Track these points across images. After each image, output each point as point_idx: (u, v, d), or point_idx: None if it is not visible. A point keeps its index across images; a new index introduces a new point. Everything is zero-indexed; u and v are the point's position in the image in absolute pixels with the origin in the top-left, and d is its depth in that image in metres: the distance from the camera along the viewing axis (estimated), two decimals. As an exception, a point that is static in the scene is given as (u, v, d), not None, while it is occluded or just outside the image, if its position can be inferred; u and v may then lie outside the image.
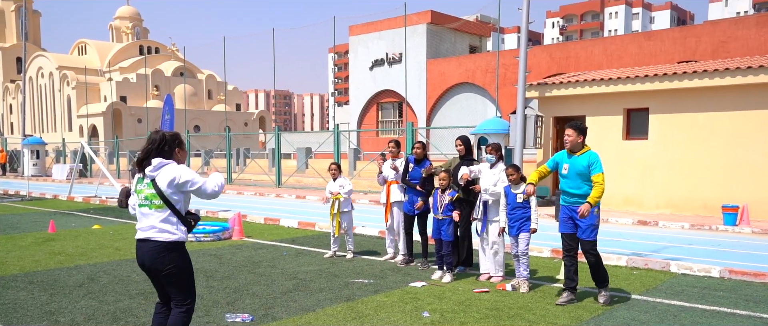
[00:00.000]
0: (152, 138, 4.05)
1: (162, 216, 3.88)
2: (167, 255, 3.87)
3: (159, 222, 3.88)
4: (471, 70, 30.36)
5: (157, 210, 3.88)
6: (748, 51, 21.65)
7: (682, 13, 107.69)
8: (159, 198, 3.87)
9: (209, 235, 10.19)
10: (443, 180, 7.11)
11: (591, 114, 15.43)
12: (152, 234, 3.89)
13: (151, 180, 3.92)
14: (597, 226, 5.91)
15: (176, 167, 3.91)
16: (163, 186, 3.86)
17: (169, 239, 3.87)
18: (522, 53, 15.75)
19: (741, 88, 13.13)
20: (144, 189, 3.96)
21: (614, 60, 24.93)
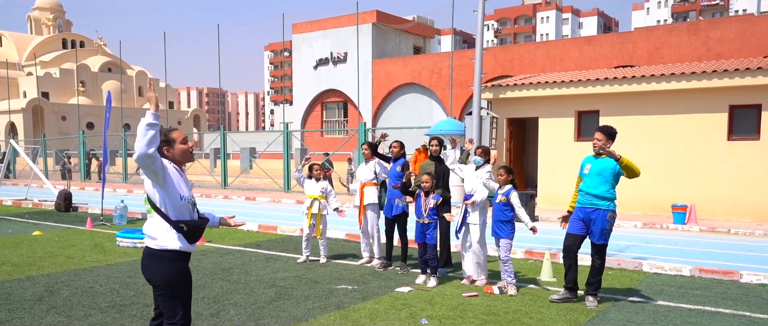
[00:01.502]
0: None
1: (154, 221, 3.58)
2: (153, 263, 3.54)
3: (150, 227, 3.59)
4: (417, 70, 30.51)
5: (151, 215, 3.62)
6: (679, 57, 22.84)
7: (607, 19, 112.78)
8: (148, 201, 3.60)
9: (168, 241, 9.64)
10: (426, 182, 6.99)
11: (544, 116, 15.79)
12: (147, 240, 3.62)
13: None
14: (609, 232, 5.90)
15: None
16: (148, 186, 3.58)
17: (156, 246, 3.53)
18: (477, 55, 15.91)
19: (685, 93, 13.77)
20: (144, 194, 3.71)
21: (557, 63, 25.69)
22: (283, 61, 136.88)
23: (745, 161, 13.10)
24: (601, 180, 5.86)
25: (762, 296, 6.40)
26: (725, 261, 8.22)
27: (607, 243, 5.93)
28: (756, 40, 21.83)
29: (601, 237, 5.86)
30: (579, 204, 6.02)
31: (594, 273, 5.97)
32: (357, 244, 9.91)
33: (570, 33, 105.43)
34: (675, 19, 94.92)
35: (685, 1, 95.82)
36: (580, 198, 6.03)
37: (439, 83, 29.72)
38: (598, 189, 5.85)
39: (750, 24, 22.41)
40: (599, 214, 5.84)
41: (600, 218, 5.82)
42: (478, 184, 6.86)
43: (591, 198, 5.90)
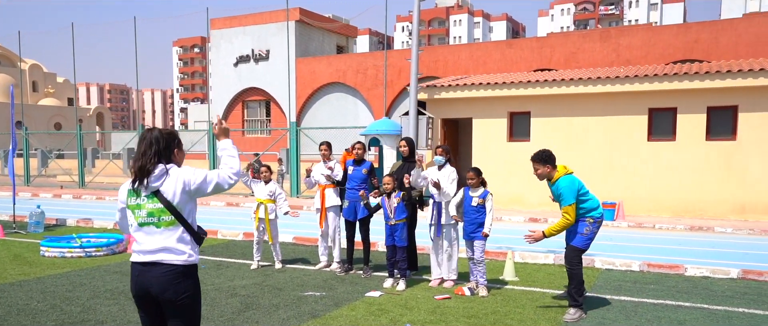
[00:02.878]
0: (148, 138, 3.33)
1: (175, 234, 3.21)
2: (184, 281, 3.22)
3: (174, 241, 3.21)
4: (342, 70, 30.32)
5: (169, 228, 3.21)
6: (593, 62, 24.17)
7: (515, 24, 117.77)
8: (169, 212, 3.20)
9: (102, 249, 8.92)
10: (388, 184, 6.86)
11: (477, 116, 16.13)
12: (164, 256, 3.20)
13: (152, 193, 3.23)
14: (587, 235, 5.79)
15: (182, 170, 3.28)
16: (174, 196, 3.21)
17: (187, 262, 3.23)
18: (414, 55, 15.99)
19: (610, 96, 14.52)
20: (144, 204, 3.25)
21: (480, 65, 26.40)
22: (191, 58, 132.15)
23: (664, 161, 14.01)
24: (561, 203, 5.82)
25: (709, 288, 6.81)
26: (663, 256, 8.70)
27: (582, 247, 5.81)
28: (660, 48, 23.50)
29: (577, 239, 5.80)
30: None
31: (569, 280, 5.81)
32: (307, 248, 9.64)
33: (481, 36, 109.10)
34: (576, 26, 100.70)
35: (585, 10, 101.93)
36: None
37: (364, 83, 29.69)
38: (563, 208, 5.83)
39: (654, 33, 24.09)
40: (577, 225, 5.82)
41: (579, 223, 5.80)
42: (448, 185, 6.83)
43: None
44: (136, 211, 3.27)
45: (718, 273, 7.40)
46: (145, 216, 3.24)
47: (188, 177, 3.25)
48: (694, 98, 13.80)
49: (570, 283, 5.83)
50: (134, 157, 3.35)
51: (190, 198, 3.29)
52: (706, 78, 13.41)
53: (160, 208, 3.20)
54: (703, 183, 13.70)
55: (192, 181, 3.25)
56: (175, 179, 3.24)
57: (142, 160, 3.28)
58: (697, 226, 12.03)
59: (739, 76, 13.14)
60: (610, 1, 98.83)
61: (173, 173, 3.26)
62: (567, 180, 5.75)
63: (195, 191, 3.27)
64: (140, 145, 3.35)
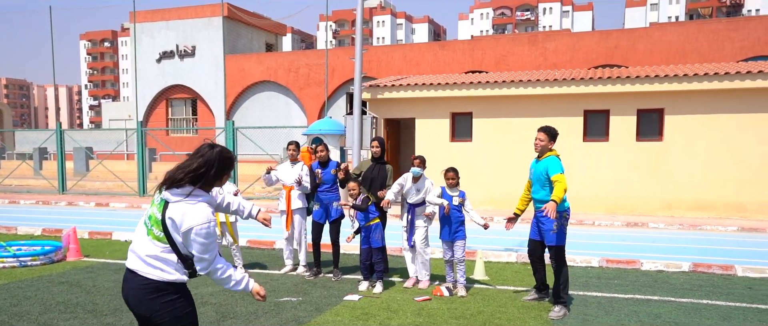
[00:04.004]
0: (205, 154, 3.04)
1: (158, 250, 2.95)
2: (158, 297, 2.95)
3: (151, 254, 2.95)
4: (273, 68, 29.62)
5: (153, 241, 2.97)
6: (523, 65, 25.00)
7: (437, 27, 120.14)
8: (161, 228, 2.94)
9: (39, 258, 8.18)
10: (353, 190, 6.71)
11: (420, 116, 16.25)
12: (141, 266, 2.96)
13: (164, 201, 2.98)
14: (559, 231, 5.90)
15: (200, 213, 2.94)
16: (170, 221, 2.93)
17: (163, 278, 2.95)
18: (358, 54, 15.87)
19: (547, 98, 15.06)
20: (154, 206, 3.03)
21: (412, 66, 26.63)
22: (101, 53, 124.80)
23: (599, 160, 14.69)
24: (539, 184, 6.01)
25: (668, 281, 7.17)
26: (612, 251, 9.10)
27: (560, 244, 5.92)
28: (583, 53, 24.67)
29: (551, 238, 5.91)
30: (535, 208, 6.17)
31: (555, 278, 5.92)
32: (263, 251, 9.31)
33: (404, 38, 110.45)
34: (495, 30, 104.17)
35: (503, 15, 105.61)
36: (534, 204, 6.20)
37: (296, 82, 29.17)
38: (539, 193, 6.02)
39: (579, 39, 25.25)
40: (545, 216, 5.92)
41: (547, 220, 5.92)
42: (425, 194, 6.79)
43: (536, 203, 6.07)
44: (149, 208, 3.07)
45: (671, 266, 7.81)
46: (147, 217, 3.04)
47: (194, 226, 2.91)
48: (625, 101, 14.57)
49: (557, 281, 5.95)
50: (182, 164, 3.05)
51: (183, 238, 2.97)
52: (637, 82, 14.20)
53: (159, 220, 2.96)
54: (633, 181, 14.49)
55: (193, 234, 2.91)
56: (185, 214, 2.93)
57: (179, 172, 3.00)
58: (633, 223, 12.69)
59: (665, 81, 14.00)
60: (526, 8, 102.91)
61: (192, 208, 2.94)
62: (557, 159, 6.02)
63: (186, 240, 2.96)
64: (194, 158, 3.05)
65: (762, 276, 7.40)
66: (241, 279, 3.14)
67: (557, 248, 5.93)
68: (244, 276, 3.16)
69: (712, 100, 13.90)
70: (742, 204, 13.76)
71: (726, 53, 22.86)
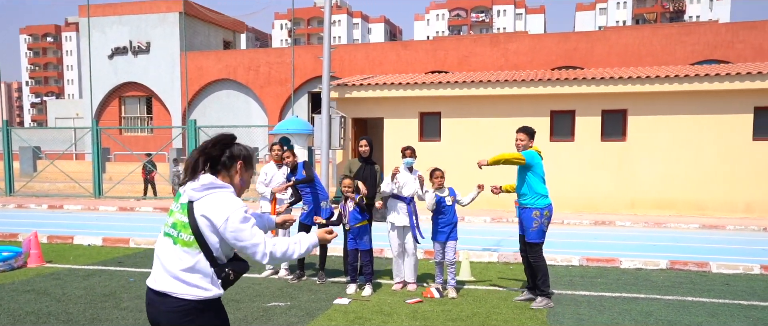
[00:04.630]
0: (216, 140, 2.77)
1: (189, 260, 2.62)
2: (196, 319, 2.62)
3: (185, 268, 2.61)
4: (232, 66, 28.98)
5: (183, 249, 2.62)
6: (485, 66, 25.27)
7: (393, 27, 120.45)
8: (191, 231, 2.63)
9: (-1, 265, 7.67)
10: (348, 187, 6.55)
11: (389, 116, 16.16)
12: (173, 286, 2.61)
13: (186, 202, 2.68)
14: (538, 229, 5.97)
15: (230, 201, 2.65)
16: (202, 220, 2.63)
17: (200, 297, 2.61)
18: (326, 53, 15.65)
19: (515, 98, 15.22)
20: (174, 211, 2.72)
21: (375, 66, 26.54)
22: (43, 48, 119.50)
23: (565, 160, 14.94)
24: (520, 181, 6.16)
25: (649, 279, 7.30)
26: (589, 250, 9.22)
27: (538, 241, 6.00)
28: (543, 54, 25.13)
29: (530, 234, 5.99)
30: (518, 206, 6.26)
31: (533, 273, 6.04)
32: (239, 254, 8.99)
33: (360, 37, 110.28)
34: (451, 31, 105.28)
35: (458, 16, 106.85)
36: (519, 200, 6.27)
37: (256, 80, 28.63)
38: (519, 189, 6.16)
39: (539, 41, 25.72)
40: (525, 213, 6.05)
41: (526, 216, 6.04)
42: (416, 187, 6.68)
43: (520, 198, 6.17)
44: (168, 217, 2.76)
45: (649, 264, 7.97)
46: (169, 226, 2.71)
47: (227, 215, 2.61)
48: (590, 102, 14.86)
49: (537, 276, 6.00)
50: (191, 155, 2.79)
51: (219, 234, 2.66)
52: (601, 83, 14.51)
53: (185, 223, 2.64)
54: (599, 180, 14.80)
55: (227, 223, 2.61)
56: (214, 204, 2.62)
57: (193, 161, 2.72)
58: (601, 221, 12.95)
59: (629, 83, 14.35)
60: (480, 9, 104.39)
61: (218, 196, 2.65)
62: (532, 151, 6.16)
63: (219, 234, 2.64)
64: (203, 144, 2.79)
65: (735, 272, 7.63)
66: (302, 240, 2.78)
67: (532, 244, 6.02)
68: (300, 237, 2.79)
69: (673, 102, 14.34)
70: (700, 202, 14.25)
71: (678, 56, 23.70)
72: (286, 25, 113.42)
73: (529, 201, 6.01)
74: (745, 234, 11.49)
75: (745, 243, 10.30)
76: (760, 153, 14.05)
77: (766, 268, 7.65)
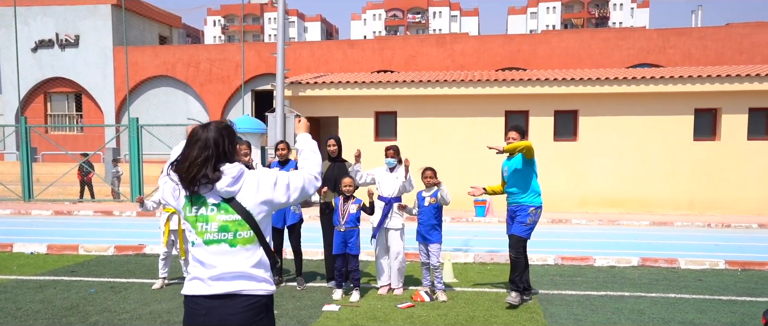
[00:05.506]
0: (202, 136, 2.56)
1: (253, 256, 2.52)
2: (267, 317, 2.57)
3: (251, 266, 2.52)
4: (170, 62, 27.70)
5: (245, 247, 2.51)
6: (431, 66, 25.38)
7: (329, 26, 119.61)
8: (248, 226, 2.50)
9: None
10: (349, 186, 6.30)
11: (344, 115, 15.89)
12: (244, 285, 2.49)
13: (222, 201, 2.49)
14: (529, 226, 5.96)
15: (258, 173, 2.59)
16: (254, 204, 2.52)
17: (269, 291, 2.57)
18: (279, 50, 15.21)
19: (471, 98, 15.32)
20: (213, 215, 2.49)
21: (321, 64, 26.12)
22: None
23: (519, 159, 15.15)
24: (515, 178, 6.08)
25: (627, 276, 7.43)
26: (559, 248, 9.33)
27: (526, 236, 6.02)
28: (488, 56, 25.53)
29: (516, 228, 5.98)
30: (508, 204, 6.19)
31: (512, 267, 6.05)
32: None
33: (296, 36, 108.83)
34: (388, 31, 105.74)
35: (395, 17, 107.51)
36: (508, 199, 6.21)
37: (196, 78, 27.53)
38: (515, 187, 6.09)
39: (484, 42, 26.11)
40: (521, 209, 6.02)
41: (522, 213, 6.00)
42: (400, 187, 6.48)
43: (514, 197, 6.11)
44: (199, 225, 2.50)
45: (622, 262, 8.12)
46: (215, 230, 2.49)
47: (268, 182, 2.57)
48: (543, 102, 15.16)
49: (514, 271, 6.02)
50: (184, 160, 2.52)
51: (272, 209, 2.61)
52: (554, 84, 14.82)
53: (237, 220, 2.49)
54: (552, 179, 15.08)
55: (275, 187, 2.57)
56: (255, 184, 2.54)
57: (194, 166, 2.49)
58: (557, 219, 13.20)
59: (580, 84, 14.74)
60: (417, 10, 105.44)
61: (250, 176, 2.56)
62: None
63: (277, 200, 2.59)
64: (191, 143, 2.55)
65: (703, 268, 7.89)
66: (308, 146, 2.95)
67: (518, 238, 6.03)
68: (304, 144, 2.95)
69: (621, 103, 14.84)
70: (647, 199, 14.82)
71: (615, 59, 24.67)
72: (219, 22, 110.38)
73: (527, 200, 5.97)
74: (692, 230, 12.01)
75: (698, 238, 10.75)
76: (699, 153, 14.78)
77: (730, 263, 7.96)
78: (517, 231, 6.00)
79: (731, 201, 14.59)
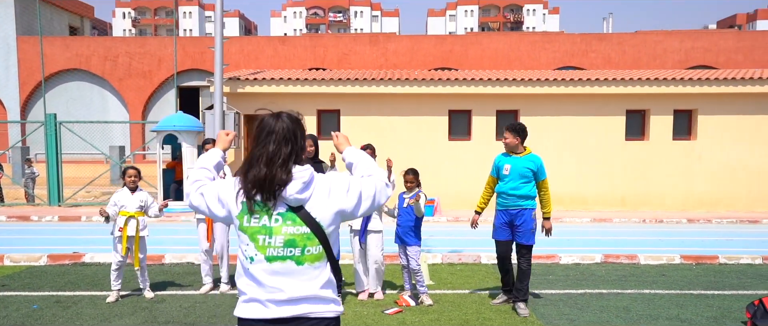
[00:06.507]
0: (277, 127, 2.25)
1: (322, 275, 2.25)
2: None
3: (322, 285, 2.25)
4: (84, 55, 25.81)
5: (313, 265, 2.21)
6: (364, 64, 25.22)
7: (248, 22, 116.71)
8: (318, 241, 2.19)
9: None
10: None
11: (285, 113, 15.33)
12: (309, 307, 2.20)
13: (289, 209, 2.16)
14: (535, 230, 5.78)
15: (328, 178, 2.28)
16: (326, 215, 2.19)
17: (338, 312, 2.32)
18: (217, 44, 14.47)
19: (414, 97, 15.23)
20: (277, 227, 2.16)
21: (251, 60, 25.29)
22: None
23: (462, 158, 15.25)
24: (522, 181, 5.76)
25: (594, 273, 7.53)
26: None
27: (533, 244, 5.81)
28: (421, 55, 25.72)
29: (529, 237, 5.75)
30: (502, 207, 5.86)
31: (522, 277, 5.75)
32: (155, 268, 7.82)
33: (213, 31, 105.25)
34: (309, 29, 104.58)
35: (316, 15, 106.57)
36: (501, 200, 5.88)
37: (114, 72, 25.82)
38: (521, 190, 5.74)
39: (417, 42, 26.26)
40: (526, 215, 5.75)
41: (527, 218, 5.74)
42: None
43: (516, 200, 5.75)
44: (260, 237, 2.16)
45: (586, 259, 8.26)
46: (280, 245, 2.15)
47: (340, 188, 2.24)
48: (485, 102, 15.33)
49: (524, 281, 5.80)
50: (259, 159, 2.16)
51: (342, 221, 2.32)
52: (497, 84, 15.02)
53: (306, 234, 2.16)
54: (494, 178, 15.31)
55: (347, 194, 2.25)
56: (326, 191, 2.22)
57: (268, 167, 2.16)
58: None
59: (521, 84, 15.03)
60: (338, 9, 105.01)
61: (320, 181, 2.24)
62: (539, 157, 5.86)
63: (349, 211, 2.28)
64: (264, 139, 2.18)
65: (661, 263, 8.16)
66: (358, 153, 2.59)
67: (530, 248, 5.81)
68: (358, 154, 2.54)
69: (559, 103, 15.27)
70: (584, 197, 15.35)
71: (542, 61, 25.56)
72: (129, 14, 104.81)
73: (530, 203, 5.73)
74: (631, 226, 12.54)
75: (640, 234, 11.19)
76: (630, 152, 15.48)
77: (685, 257, 8.29)
78: (528, 240, 5.73)
79: (659, 198, 15.40)
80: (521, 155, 5.81)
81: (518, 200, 5.72)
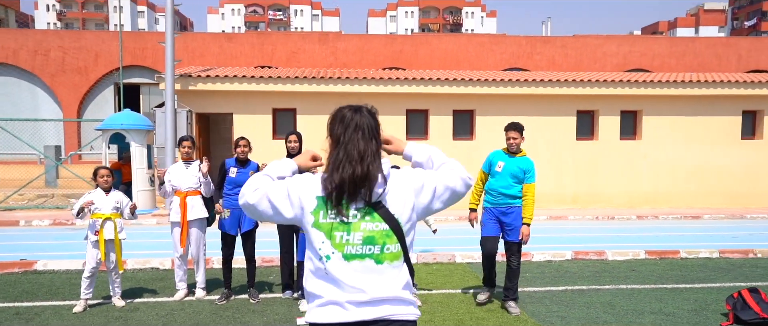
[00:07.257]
0: (363, 123, 2.20)
1: (401, 275, 2.10)
2: None
3: (403, 286, 2.10)
4: (11, 48, 24.16)
5: (392, 264, 2.07)
6: (314, 63, 24.90)
7: (183, 18, 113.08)
8: (396, 239, 2.06)
9: None
10: None
11: (238, 112, 14.89)
12: (391, 309, 2.05)
13: (366, 205, 2.05)
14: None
15: (407, 171, 2.20)
16: (404, 211, 2.08)
17: (417, 315, 2.16)
18: (168, 39, 13.87)
19: (372, 96, 15.12)
20: (355, 224, 2.04)
21: (196, 57, 24.45)
22: None
23: (420, 158, 15.27)
24: (514, 181, 5.78)
25: (569, 270, 7.66)
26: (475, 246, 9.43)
27: (520, 241, 5.79)
28: (371, 54, 25.65)
29: (513, 234, 5.76)
30: (491, 204, 5.87)
31: (511, 276, 5.77)
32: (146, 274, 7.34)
33: (147, 27, 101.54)
34: (247, 27, 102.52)
35: (255, 13, 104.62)
36: (490, 198, 5.90)
37: (46, 67, 24.32)
38: (513, 189, 5.76)
39: (367, 41, 26.15)
40: (516, 211, 5.78)
41: (517, 215, 5.78)
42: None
43: (506, 198, 5.77)
44: (337, 234, 2.03)
45: (557, 256, 8.39)
46: (358, 242, 2.03)
47: (415, 183, 2.14)
48: (442, 102, 15.42)
49: (514, 279, 5.82)
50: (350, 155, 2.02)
51: (419, 218, 2.19)
52: (453, 84, 15.13)
53: (385, 231, 2.04)
54: (451, 177, 15.42)
55: (423, 189, 2.14)
56: (402, 186, 2.11)
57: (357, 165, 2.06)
58: (462, 217, 13.43)
59: (477, 85, 15.21)
60: (278, 8, 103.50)
61: (396, 176, 2.15)
62: (532, 161, 5.89)
63: (428, 206, 2.18)
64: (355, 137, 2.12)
65: (628, 259, 8.40)
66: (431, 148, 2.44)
67: (520, 245, 5.83)
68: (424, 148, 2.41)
69: (514, 104, 15.55)
70: (538, 195, 15.66)
71: (489, 63, 26.03)
72: (53, 7, 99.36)
73: (519, 201, 5.76)
74: (585, 223, 12.91)
75: (597, 231, 11.53)
76: (580, 151, 15.96)
77: (649, 253, 8.57)
78: (517, 237, 5.76)
79: (608, 196, 15.95)
80: (517, 156, 5.82)
81: (508, 199, 5.75)
